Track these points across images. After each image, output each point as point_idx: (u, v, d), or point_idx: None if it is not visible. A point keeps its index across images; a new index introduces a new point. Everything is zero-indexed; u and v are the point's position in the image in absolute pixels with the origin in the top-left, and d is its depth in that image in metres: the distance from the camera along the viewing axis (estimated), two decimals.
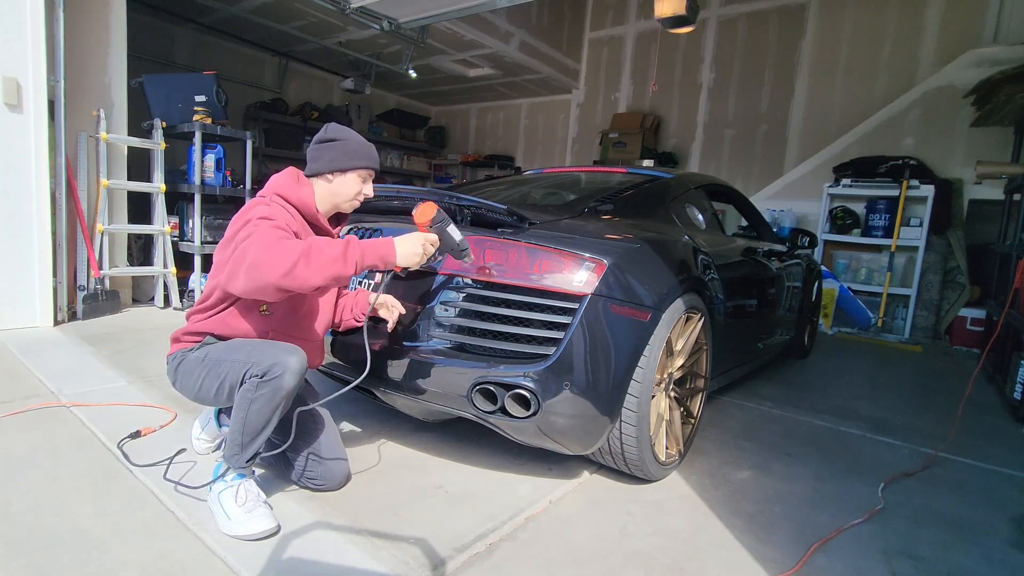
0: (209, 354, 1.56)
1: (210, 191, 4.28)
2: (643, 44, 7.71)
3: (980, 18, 5.48)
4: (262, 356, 1.46)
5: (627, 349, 1.70)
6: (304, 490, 1.70)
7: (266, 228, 1.44)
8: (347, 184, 1.65)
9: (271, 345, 1.52)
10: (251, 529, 1.42)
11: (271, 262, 1.34)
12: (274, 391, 1.45)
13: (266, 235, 1.41)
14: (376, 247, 1.47)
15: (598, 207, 2.21)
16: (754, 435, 2.50)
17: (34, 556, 1.31)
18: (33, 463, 1.75)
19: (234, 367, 1.49)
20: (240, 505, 1.45)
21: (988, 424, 2.92)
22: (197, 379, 1.57)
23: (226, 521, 1.45)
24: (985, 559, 1.63)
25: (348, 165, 1.62)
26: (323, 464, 1.68)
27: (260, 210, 1.51)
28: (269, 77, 7.86)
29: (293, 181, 1.62)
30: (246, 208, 1.56)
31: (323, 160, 1.62)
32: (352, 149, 1.62)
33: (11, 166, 3.21)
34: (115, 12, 3.88)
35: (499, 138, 9.58)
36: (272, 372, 1.44)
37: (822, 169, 5.92)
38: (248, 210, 1.54)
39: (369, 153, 1.65)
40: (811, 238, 3.66)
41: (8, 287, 3.26)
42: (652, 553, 1.52)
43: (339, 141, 1.62)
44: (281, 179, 1.63)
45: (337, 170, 1.62)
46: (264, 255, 1.36)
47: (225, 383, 1.51)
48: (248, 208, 1.56)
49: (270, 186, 1.62)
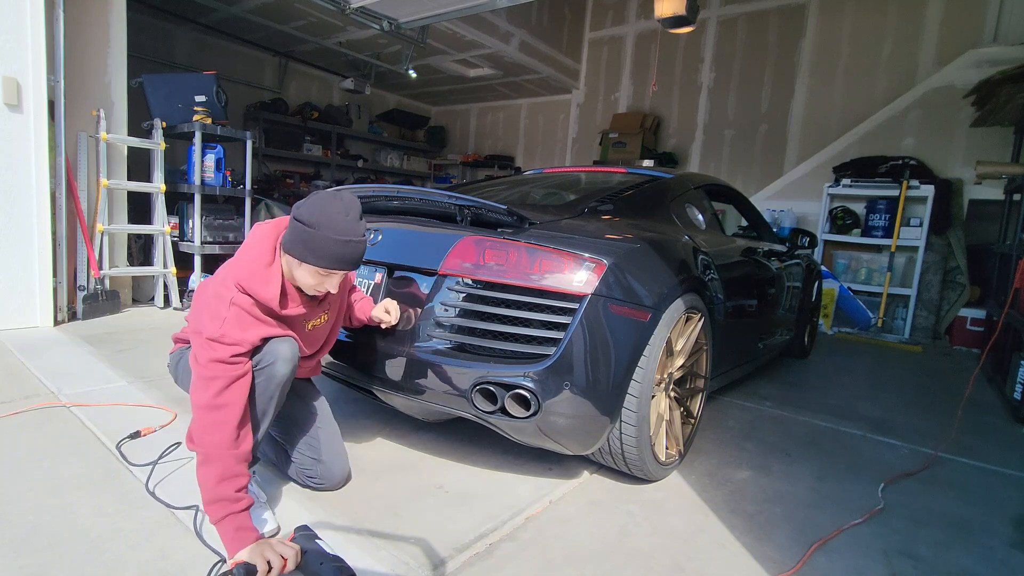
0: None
1: (210, 191, 4.28)
2: (643, 44, 7.71)
3: (980, 18, 5.48)
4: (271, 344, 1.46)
5: (627, 349, 1.69)
6: (305, 490, 1.70)
7: (207, 374, 1.35)
8: (304, 274, 1.47)
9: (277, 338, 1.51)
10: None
11: (193, 431, 1.36)
12: (268, 379, 1.45)
13: (205, 390, 1.35)
14: (230, 532, 1.29)
15: (598, 207, 2.21)
16: (754, 435, 2.50)
17: (34, 556, 1.31)
18: (33, 463, 1.74)
19: None
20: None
21: (988, 424, 2.92)
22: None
23: None
24: (985, 559, 1.63)
25: (302, 257, 1.43)
26: (322, 463, 1.68)
27: (214, 325, 1.38)
28: (269, 77, 7.86)
29: (264, 266, 1.46)
30: (212, 294, 1.44)
31: (288, 240, 1.45)
32: (313, 246, 1.41)
33: (11, 166, 3.21)
34: (115, 12, 3.88)
35: (499, 138, 9.58)
36: (264, 360, 1.44)
37: (822, 169, 5.92)
38: (212, 303, 1.42)
39: (336, 255, 1.42)
40: (811, 238, 3.66)
41: (8, 287, 3.26)
42: (652, 553, 1.52)
43: (302, 227, 1.41)
44: (253, 258, 1.46)
45: (294, 256, 1.44)
46: (196, 416, 1.36)
47: None
48: (213, 298, 1.43)
49: (240, 265, 1.46)
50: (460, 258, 1.73)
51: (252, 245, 1.50)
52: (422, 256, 1.83)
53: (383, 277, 1.96)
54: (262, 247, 1.49)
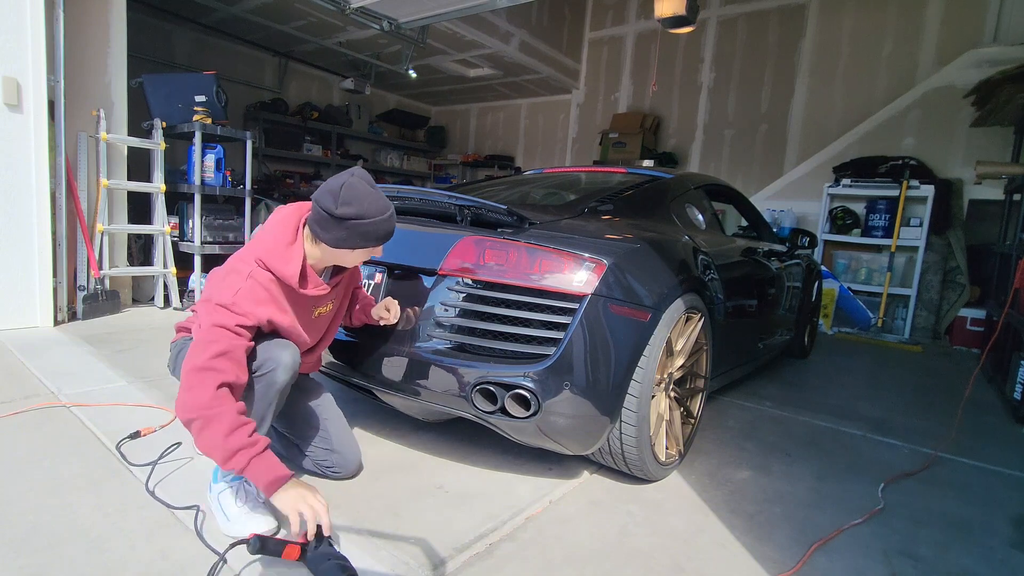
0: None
1: (210, 191, 4.28)
2: (643, 44, 7.71)
3: (980, 18, 5.48)
4: (255, 351, 1.46)
5: (627, 349, 1.70)
6: None
7: (209, 337, 1.34)
8: (354, 256, 1.53)
9: (265, 340, 1.51)
10: (251, 529, 1.42)
11: (184, 398, 1.30)
12: (267, 386, 1.47)
13: (202, 352, 1.32)
14: (261, 473, 1.31)
15: (598, 207, 2.21)
16: (754, 435, 2.50)
17: (34, 556, 1.30)
18: (33, 463, 1.74)
19: None
20: (240, 505, 1.46)
21: (988, 424, 2.92)
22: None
23: (225, 521, 1.45)
24: (985, 559, 1.63)
25: (358, 245, 1.47)
26: (337, 453, 1.74)
27: (226, 293, 1.39)
28: (269, 77, 7.86)
29: (285, 245, 1.48)
30: (231, 268, 1.47)
31: (332, 236, 1.44)
32: (365, 232, 1.44)
33: (11, 166, 3.21)
34: (115, 12, 3.88)
35: (499, 138, 9.58)
36: (264, 367, 1.45)
37: (822, 169, 5.92)
38: (229, 276, 1.44)
39: (383, 232, 1.47)
40: (811, 238, 3.66)
41: (8, 287, 3.26)
42: (652, 553, 1.52)
43: (354, 222, 1.42)
44: (275, 237, 1.48)
45: (346, 247, 1.48)
46: (185, 383, 1.31)
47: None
48: (231, 271, 1.45)
49: (262, 242, 1.48)
50: (460, 258, 1.74)
51: (274, 226, 1.53)
52: (422, 256, 1.83)
53: (383, 277, 1.97)
54: (284, 227, 1.51)
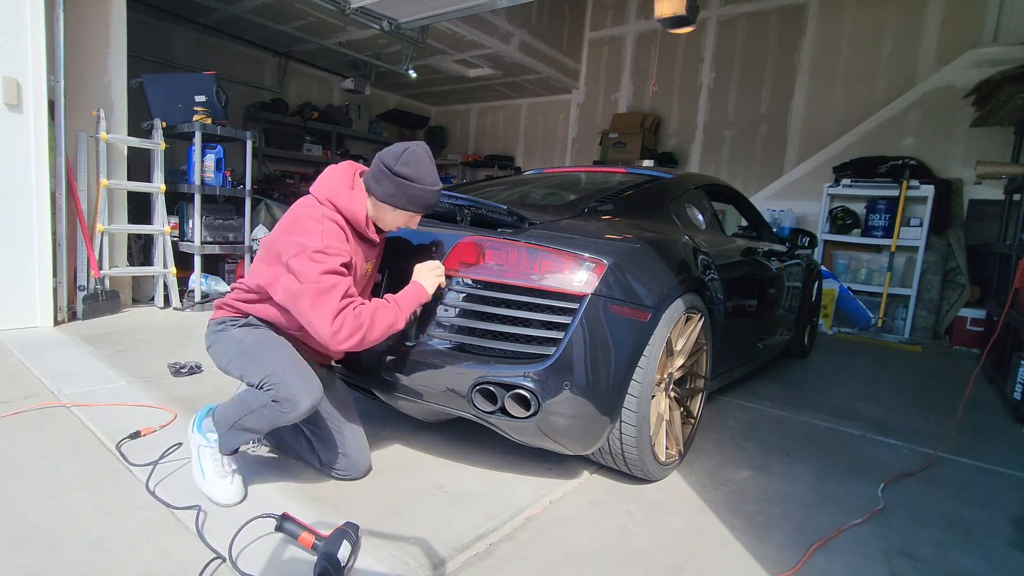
0: (245, 341, 1.62)
1: (210, 191, 4.28)
2: (643, 44, 7.71)
3: (980, 18, 5.48)
4: (284, 379, 1.52)
5: (627, 349, 1.70)
6: (305, 489, 1.71)
7: (325, 285, 1.46)
8: (394, 216, 1.66)
9: (298, 368, 1.57)
10: (221, 494, 1.57)
11: (340, 336, 1.46)
12: (275, 416, 1.53)
13: (327, 301, 1.45)
14: (412, 299, 1.64)
15: (598, 207, 2.20)
16: (754, 435, 2.50)
17: (34, 556, 1.31)
18: (33, 463, 1.75)
19: (258, 370, 1.56)
20: (215, 469, 1.61)
21: (988, 424, 2.92)
22: (227, 358, 1.65)
23: (200, 477, 1.61)
24: (985, 559, 1.64)
25: (401, 205, 1.61)
26: (348, 457, 1.76)
27: (313, 238, 1.48)
28: (269, 77, 7.86)
29: (348, 188, 1.61)
30: (300, 214, 1.55)
31: (382, 189, 1.59)
32: (412, 195, 1.59)
33: (11, 166, 3.21)
34: (115, 12, 3.88)
35: (499, 138, 9.58)
36: (283, 404, 1.51)
37: (822, 169, 5.92)
38: (301, 222, 1.53)
39: (427, 203, 1.63)
40: (811, 238, 3.66)
41: (8, 287, 3.26)
42: (652, 553, 1.52)
43: (405, 182, 1.57)
44: (336, 181, 1.61)
45: (390, 204, 1.62)
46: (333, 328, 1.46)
47: (247, 376, 1.60)
48: (302, 217, 1.54)
49: (325, 186, 1.60)
50: (460, 258, 1.74)
51: (332, 174, 1.62)
52: (422, 256, 1.83)
53: (383, 277, 1.97)
54: (343, 175, 1.62)
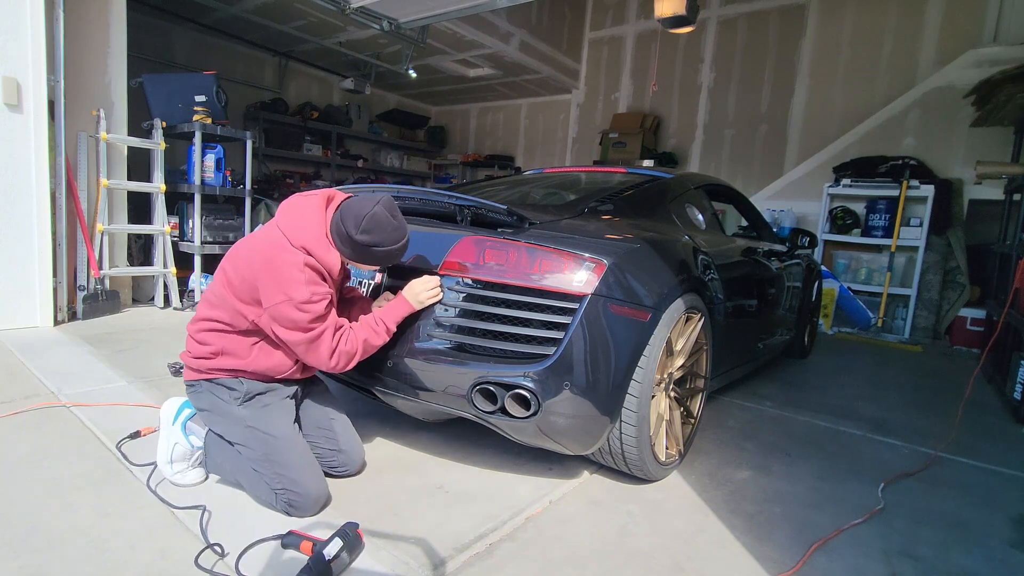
0: (250, 443, 1.60)
1: (210, 191, 4.28)
2: (643, 44, 7.71)
3: (980, 18, 5.48)
4: (297, 482, 1.54)
5: (627, 349, 1.69)
6: None
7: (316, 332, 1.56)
8: (362, 266, 1.74)
9: (308, 468, 1.60)
10: (182, 479, 1.66)
11: (342, 365, 1.62)
12: (282, 507, 1.55)
13: (320, 344, 1.57)
14: (399, 318, 1.72)
15: (598, 207, 2.20)
16: (754, 435, 2.50)
17: (34, 556, 1.31)
18: (33, 463, 1.75)
19: (271, 475, 1.56)
20: (184, 461, 1.67)
21: (988, 424, 2.92)
22: (231, 456, 1.64)
23: (167, 463, 1.65)
24: (985, 559, 1.63)
25: (368, 263, 1.69)
26: (343, 453, 1.78)
27: (298, 289, 1.51)
28: (269, 77, 7.86)
29: (323, 235, 1.61)
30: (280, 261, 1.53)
31: (347, 250, 1.62)
32: (376, 255, 1.63)
33: (11, 166, 3.21)
34: (115, 12, 3.88)
35: (499, 138, 9.58)
36: (292, 508, 1.54)
37: (822, 169, 5.92)
38: (282, 271, 1.52)
39: (394, 258, 1.69)
40: (811, 238, 3.66)
41: (8, 287, 3.26)
42: (652, 553, 1.52)
43: (367, 248, 1.60)
44: (310, 223, 1.60)
45: (357, 262, 1.68)
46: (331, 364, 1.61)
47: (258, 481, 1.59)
48: (282, 265, 1.52)
49: (298, 229, 1.58)
50: (460, 258, 1.74)
51: (303, 215, 1.62)
52: (422, 256, 1.83)
53: (383, 277, 1.97)
54: (315, 217, 1.63)
